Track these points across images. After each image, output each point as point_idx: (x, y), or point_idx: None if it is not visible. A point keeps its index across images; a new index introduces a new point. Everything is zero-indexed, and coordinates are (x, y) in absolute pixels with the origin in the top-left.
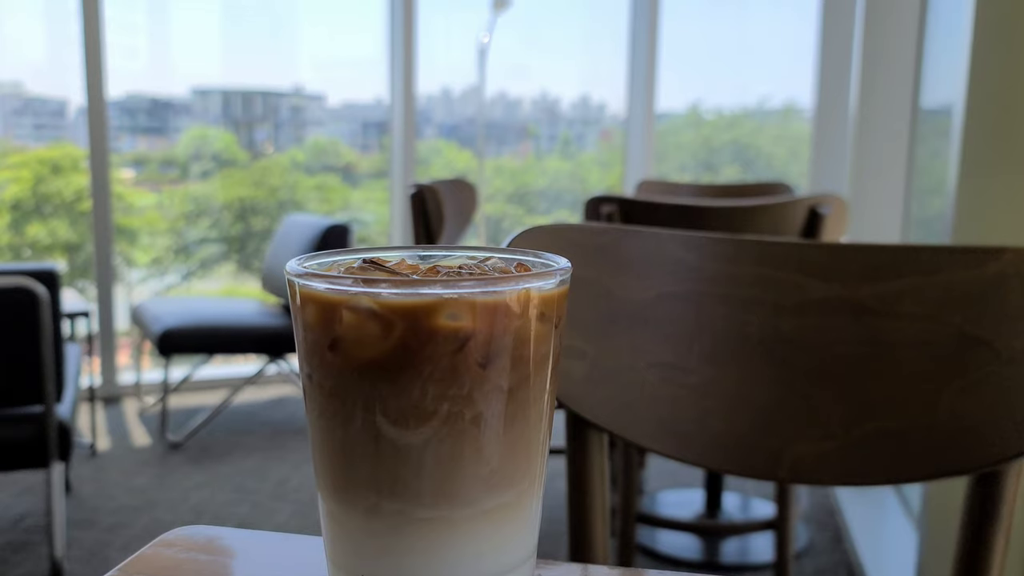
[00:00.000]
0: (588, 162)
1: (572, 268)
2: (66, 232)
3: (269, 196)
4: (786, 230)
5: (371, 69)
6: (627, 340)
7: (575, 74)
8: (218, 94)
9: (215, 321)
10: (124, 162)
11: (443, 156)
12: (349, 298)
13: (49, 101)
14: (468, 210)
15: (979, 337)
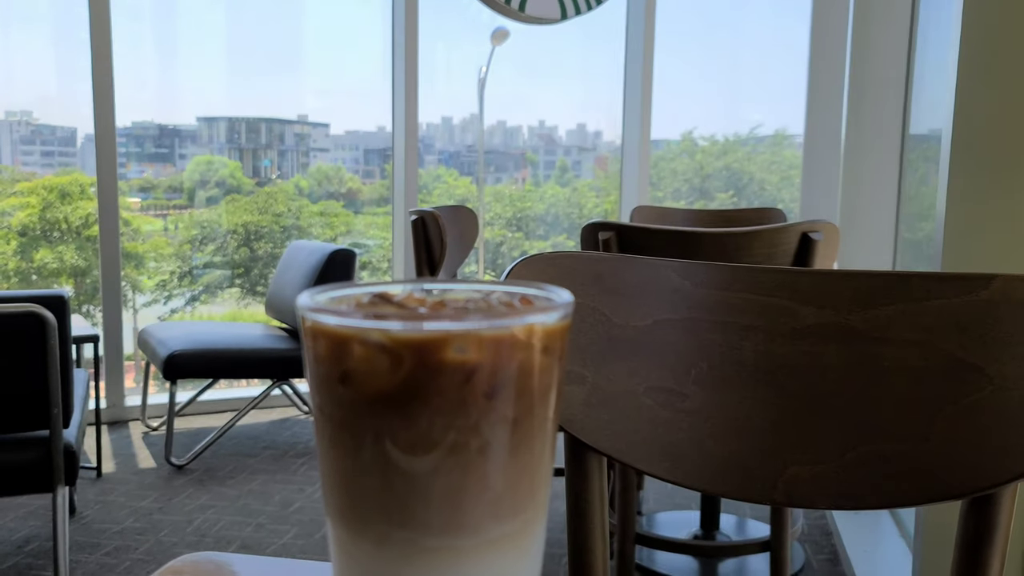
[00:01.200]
0: (585, 188)
1: (574, 301)
2: (73, 257)
3: (273, 222)
4: (779, 255)
5: (374, 98)
6: (625, 365)
7: (572, 103)
8: (224, 122)
9: (220, 345)
10: (131, 189)
11: (444, 183)
12: (360, 332)
13: (58, 129)
14: (469, 236)
15: (971, 363)
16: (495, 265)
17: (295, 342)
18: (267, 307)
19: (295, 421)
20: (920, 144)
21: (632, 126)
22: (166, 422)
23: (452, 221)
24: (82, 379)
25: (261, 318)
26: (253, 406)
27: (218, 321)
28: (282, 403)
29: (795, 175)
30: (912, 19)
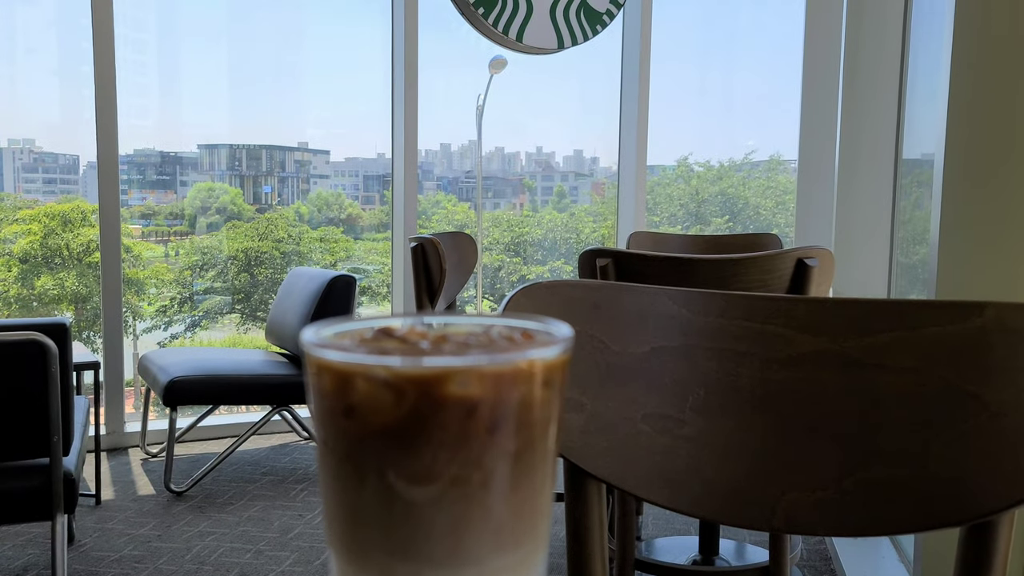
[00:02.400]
0: (582, 213)
1: (574, 335)
2: (74, 284)
3: (274, 248)
4: (774, 281)
5: (373, 125)
6: (623, 392)
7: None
8: (225, 149)
9: (220, 371)
10: (132, 215)
11: (443, 208)
12: (364, 368)
13: (60, 157)
14: (468, 262)
15: (966, 390)
16: (493, 290)
17: (295, 368)
18: (267, 333)
19: (295, 447)
20: (913, 169)
21: (628, 152)
22: (166, 448)
23: (451, 247)
24: (82, 406)
25: (261, 344)
26: (253, 432)
27: (218, 347)
28: (282, 429)
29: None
30: (903, 45)
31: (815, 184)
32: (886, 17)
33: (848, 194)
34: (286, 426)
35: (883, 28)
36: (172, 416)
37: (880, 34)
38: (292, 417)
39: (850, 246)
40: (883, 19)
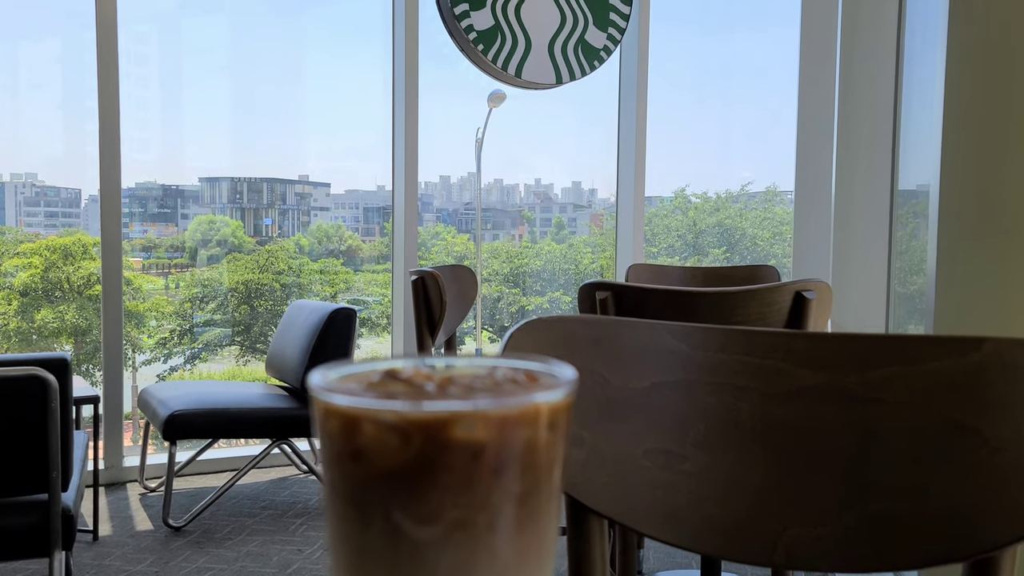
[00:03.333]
0: (580, 245)
1: (577, 378)
2: (74, 317)
3: (274, 280)
4: (773, 314)
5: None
6: (624, 427)
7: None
8: (226, 182)
9: (220, 404)
10: (133, 248)
11: (442, 240)
12: (371, 412)
13: (62, 191)
14: (468, 294)
15: (967, 424)
16: (493, 321)
17: (295, 401)
18: (267, 366)
19: (294, 480)
20: (909, 199)
21: (626, 184)
22: (164, 483)
23: (452, 280)
24: (81, 441)
25: (260, 376)
26: (253, 466)
27: (218, 380)
28: (281, 462)
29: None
30: (896, 76)
31: (812, 215)
32: (880, 48)
33: (845, 225)
34: (286, 459)
35: (877, 58)
36: (172, 450)
37: (874, 65)
38: (292, 450)
39: (848, 276)
40: (877, 50)
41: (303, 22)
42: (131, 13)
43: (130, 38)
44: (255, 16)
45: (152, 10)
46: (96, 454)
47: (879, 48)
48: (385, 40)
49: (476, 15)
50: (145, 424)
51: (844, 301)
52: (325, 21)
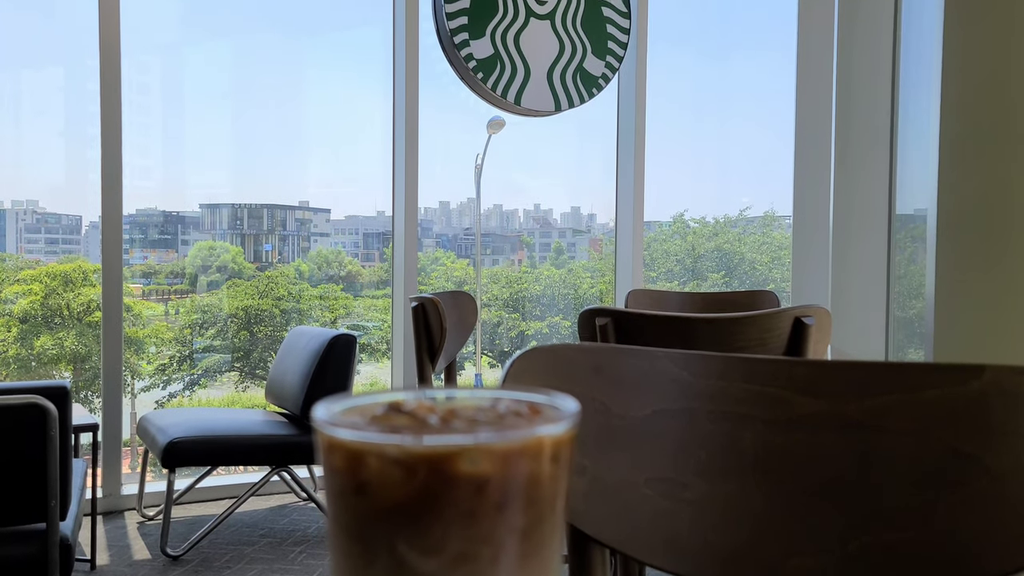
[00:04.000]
0: (580, 269)
1: (580, 410)
2: (73, 343)
3: (274, 306)
4: (773, 340)
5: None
6: (625, 456)
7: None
8: (227, 208)
9: (219, 431)
10: (133, 274)
11: (442, 265)
12: (375, 447)
13: (63, 217)
14: (468, 320)
15: (968, 453)
16: (492, 345)
17: (295, 428)
18: (267, 393)
19: (293, 508)
20: (907, 223)
21: (625, 209)
22: (163, 511)
23: (452, 307)
24: (80, 469)
25: (259, 402)
26: (252, 493)
27: (217, 407)
28: (281, 489)
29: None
30: (893, 100)
31: (810, 240)
32: (876, 72)
33: (843, 249)
34: (285, 487)
35: (873, 83)
36: (170, 478)
37: (870, 89)
38: (291, 478)
39: (847, 300)
40: (873, 74)
41: (304, 51)
42: (134, 43)
43: (133, 66)
44: (256, 45)
45: (155, 40)
46: (94, 482)
47: (875, 73)
48: (386, 68)
49: (476, 44)
50: (144, 451)
51: (843, 325)
52: (326, 49)
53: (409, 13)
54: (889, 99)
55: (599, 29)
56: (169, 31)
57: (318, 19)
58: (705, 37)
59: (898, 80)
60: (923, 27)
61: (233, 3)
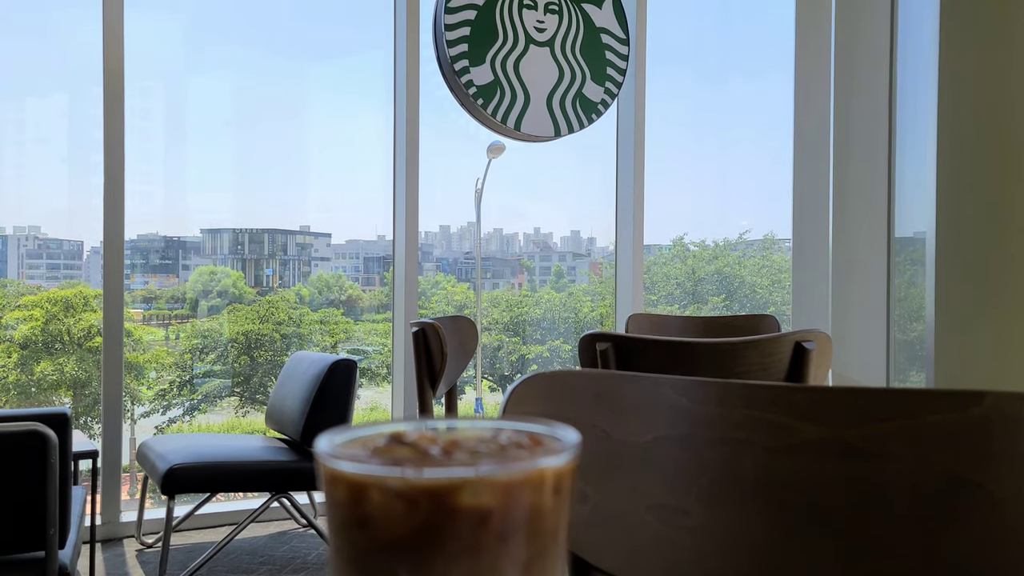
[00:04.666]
0: (580, 293)
1: (581, 441)
2: (73, 369)
3: (274, 330)
4: (774, 364)
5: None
6: (627, 483)
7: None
8: (228, 233)
9: (219, 458)
10: (134, 299)
11: (442, 289)
12: (378, 479)
13: (65, 243)
14: (469, 345)
15: (970, 479)
16: (493, 370)
17: (295, 454)
18: (267, 418)
19: (293, 534)
20: (906, 246)
21: (625, 233)
22: (162, 538)
23: (452, 331)
24: (79, 497)
25: (259, 427)
26: (251, 520)
27: (216, 433)
28: (280, 516)
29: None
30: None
31: (810, 263)
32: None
33: (843, 272)
34: (285, 513)
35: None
36: (170, 505)
37: (868, 112)
38: (291, 504)
39: (847, 323)
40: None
41: (306, 76)
42: (137, 70)
43: (135, 92)
44: (258, 71)
45: (158, 67)
46: (93, 509)
47: (872, 95)
48: (387, 94)
49: (476, 71)
50: (143, 478)
51: (844, 349)
52: (327, 75)
53: (410, 40)
54: (887, 122)
55: (598, 55)
56: (172, 57)
57: (320, 46)
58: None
59: (895, 102)
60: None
61: (235, 29)
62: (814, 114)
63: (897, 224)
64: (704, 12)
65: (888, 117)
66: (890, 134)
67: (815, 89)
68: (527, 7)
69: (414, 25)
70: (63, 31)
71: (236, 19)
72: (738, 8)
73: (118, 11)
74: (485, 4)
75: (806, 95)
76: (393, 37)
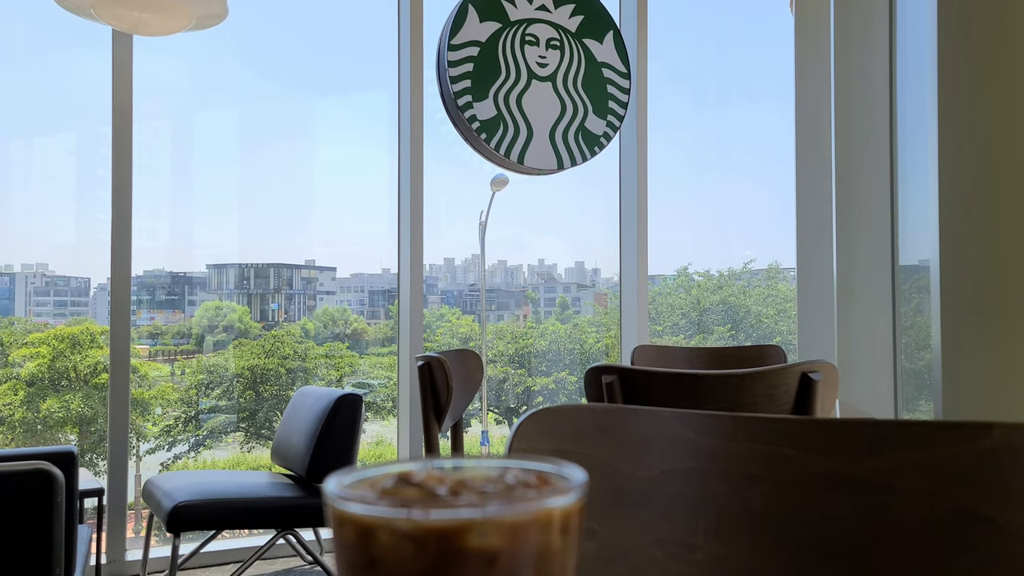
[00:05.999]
0: (585, 324)
1: (588, 480)
2: (79, 406)
3: (279, 365)
4: (780, 396)
5: (379, 242)
6: (634, 518)
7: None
8: (234, 268)
9: (225, 495)
10: (140, 335)
11: (447, 322)
12: (386, 521)
13: (72, 280)
14: (474, 379)
15: (979, 512)
16: (499, 402)
17: (301, 490)
18: (273, 454)
19: (300, 572)
20: (912, 274)
21: (629, 264)
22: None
23: (457, 365)
24: (85, 536)
25: (265, 463)
26: (257, 557)
27: (222, 469)
28: (287, 553)
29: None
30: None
31: (815, 293)
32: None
33: (848, 301)
34: (291, 550)
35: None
36: (175, 543)
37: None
38: (297, 541)
39: (854, 353)
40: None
41: (311, 113)
42: (145, 108)
43: (143, 130)
44: (264, 109)
45: (165, 105)
46: (99, 548)
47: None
48: (391, 129)
49: (479, 105)
50: (149, 515)
51: (851, 378)
52: (332, 111)
53: (414, 76)
54: (888, 148)
55: (599, 89)
56: (178, 96)
57: (325, 82)
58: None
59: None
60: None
61: (242, 67)
62: (815, 142)
63: (901, 252)
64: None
65: (889, 143)
66: (892, 160)
67: (815, 117)
68: (529, 43)
69: (418, 62)
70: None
71: (241, 57)
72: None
73: (127, 53)
74: (488, 41)
75: (806, 123)
76: (397, 74)
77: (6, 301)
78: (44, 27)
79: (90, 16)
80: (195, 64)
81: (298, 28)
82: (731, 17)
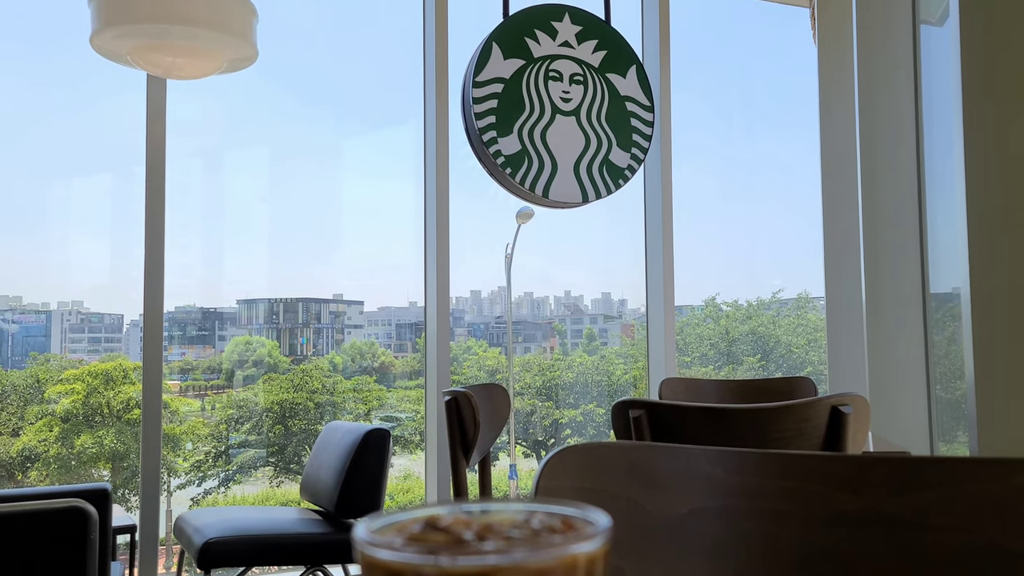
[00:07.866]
0: (612, 356)
1: (612, 525)
2: (112, 441)
3: (308, 399)
4: (811, 429)
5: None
6: (663, 556)
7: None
8: (263, 303)
9: (255, 531)
10: (171, 371)
11: (474, 355)
12: (413, 567)
13: (106, 316)
14: (502, 413)
15: (1014, 550)
16: (527, 435)
17: (330, 526)
18: (302, 490)
19: None
20: (945, 303)
21: (655, 295)
22: None
23: (485, 399)
24: (117, 572)
25: (294, 498)
26: None
27: (252, 505)
28: None
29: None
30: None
31: (845, 322)
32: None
33: (879, 331)
34: None
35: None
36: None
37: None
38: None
39: (886, 384)
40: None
41: (340, 151)
42: (178, 148)
43: (175, 169)
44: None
45: (197, 145)
46: None
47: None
48: (417, 164)
49: (503, 141)
50: (180, 552)
51: (884, 409)
52: (360, 148)
53: (440, 113)
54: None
55: (623, 123)
56: (210, 135)
57: (352, 119)
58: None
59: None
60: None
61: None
62: (840, 168)
63: (931, 280)
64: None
65: (916, 170)
66: (919, 186)
67: (841, 146)
68: (553, 79)
69: (443, 99)
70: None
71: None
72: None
73: (161, 96)
74: (512, 77)
75: (832, 152)
76: (423, 111)
77: (42, 338)
78: (82, 74)
79: (126, 62)
80: (226, 104)
81: (326, 68)
82: (756, 47)
